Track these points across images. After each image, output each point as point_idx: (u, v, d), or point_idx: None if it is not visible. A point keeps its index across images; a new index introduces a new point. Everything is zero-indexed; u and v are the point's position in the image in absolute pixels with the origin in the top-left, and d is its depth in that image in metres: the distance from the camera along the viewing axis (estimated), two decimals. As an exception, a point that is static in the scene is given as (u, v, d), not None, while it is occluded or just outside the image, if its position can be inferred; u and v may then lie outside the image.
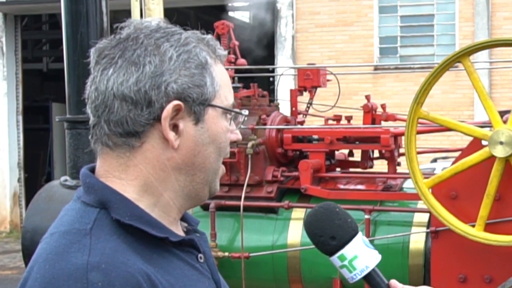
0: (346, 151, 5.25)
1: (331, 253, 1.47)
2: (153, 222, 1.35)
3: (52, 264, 1.26)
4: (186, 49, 1.38)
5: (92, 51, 1.40)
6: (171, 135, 1.36)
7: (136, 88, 1.34)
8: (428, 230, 4.46)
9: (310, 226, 1.49)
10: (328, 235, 1.46)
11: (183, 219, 1.50)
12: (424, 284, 4.40)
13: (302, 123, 5.31)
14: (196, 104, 1.38)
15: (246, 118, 1.51)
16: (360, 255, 1.45)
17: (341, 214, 1.48)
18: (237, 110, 1.46)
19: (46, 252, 1.29)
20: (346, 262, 1.45)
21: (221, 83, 1.43)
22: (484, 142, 4.02)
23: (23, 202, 15.72)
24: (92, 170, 1.42)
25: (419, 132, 4.25)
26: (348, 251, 1.45)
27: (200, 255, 1.44)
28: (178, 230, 1.44)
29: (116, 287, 1.24)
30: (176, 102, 1.35)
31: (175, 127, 1.37)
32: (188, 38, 1.40)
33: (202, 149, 1.40)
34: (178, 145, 1.37)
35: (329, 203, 1.51)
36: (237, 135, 1.48)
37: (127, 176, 1.37)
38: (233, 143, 1.49)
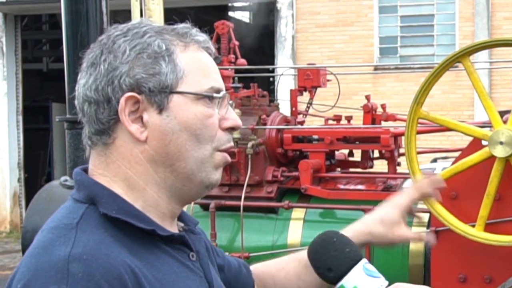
0: (346, 151, 5.25)
1: (334, 284, 1.45)
2: (140, 216, 1.36)
3: (38, 258, 1.28)
4: (140, 41, 1.38)
5: None
6: (133, 128, 1.37)
7: (94, 87, 1.37)
8: (428, 230, 4.46)
9: (309, 258, 1.49)
10: (325, 267, 1.45)
11: (181, 219, 1.50)
12: (424, 284, 4.40)
13: (302, 123, 5.31)
14: (155, 93, 1.37)
15: (232, 102, 1.48)
16: (360, 285, 1.42)
17: (338, 244, 1.46)
18: (208, 93, 1.41)
19: (34, 247, 1.32)
20: None
21: (190, 68, 1.40)
22: (484, 142, 4.02)
23: (23, 202, 15.73)
24: (86, 170, 1.45)
25: (419, 132, 4.25)
26: (347, 282, 1.43)
27: (192, 253, 1.43)
28: (172, 228, 1.44)
29: (97, 278, 1.24)
30: (128, 94, 1.36)
31: (141, 120, 1.37)
32: (147, 30, 1.40)
33: (173, 137, 1.38)
34: (147, 137, 1.37)
35: (328, 233, 1.49)
36: (234, 121, 1.45)
37: (109, 173, 1.40)
38: (234, 137, 1.47)
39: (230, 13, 18.69)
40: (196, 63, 1.41)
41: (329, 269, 1.44)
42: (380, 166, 5.39)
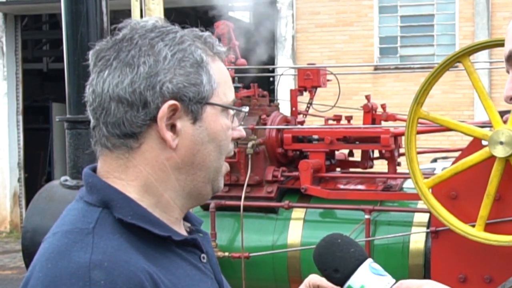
0: (346, 151, 5.25)
1: (341, 285, 1.45)
2: (155, 221, 1.35)
3: (55, 263, 1.26)
4: (181, 47, 1.37)
5: (90, 53, 1.40)
6: (169, 135, 1.35)
7: (131, 89, 1.34)
8: (428, 230, 4.46)
9: (315, 261, 1.49)
10: (331, 268, 1.46)
11: (187, 219, 1.50)
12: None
13: (302, 123, 5.31)
14: (193, 103, 1.37)
15: (246, 115, 1.50)
16: (367, 284, 1.43)
17: (343, 245, 1.46)
18: (237, 107, 1.44)
19: (48, 251, 1.29)
20: None
21: (220, 80, 1.41)
22: (484, 142, 4.02)
23: (23, 202, 15.72)
24: (94, 170, 1.42)
25: (419, 132, 4.25)
26: (354, 281, 1.43)
27: (203, 255, 1.43)
28: (181, 230, 1.44)
29: (119, 286, 1.23)
30: (171, 102, 1.34)
31: (173, 127, 1.36)
32: (184, 36, 1.39)
33: (201, 148, 1.38)
34: (177, 145, 1.37)
35: (332, 235, 1.50)
36: (240, 132, 1.47)
37: (127, 177, 1.37)
38: (235, 141, 1.48)
39: (230, 13, 18.69)
40: (223, 75, 1.43)
41: (336, 270, 1.45)
42: (380, 166, 5.39)
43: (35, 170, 17.38)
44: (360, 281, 1.43)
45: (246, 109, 1.47)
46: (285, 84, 10.24)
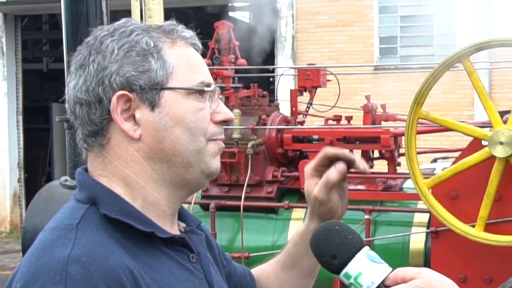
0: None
1: (338, 272, 1.44)
2: (140, 217, 1.36)
3: (38, 258, 1.29)
4: (128, 39, 1.39)
5: None
6: (127, 126, 1.37)
7: (85, 88, 1.38)
8: (428, 230, 4.46)
9: (312, 248, 1.48)
10: (329, 255, 1.44)
11: (183, 219, 1.50)
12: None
13: (302, 123, 5.31)
14: (146, 90, 1.37)
15: (222, 97, 1.49)
16: (365, 271, 1.42)
17: (341, 231, 1.46)
18: (198, 88, 1.41)
19: (34, 247, 1.33)
20: (352, 280, 1.42)
21: (178, 64, 1.40)
22: (484, 142, 4.02)
23: (23, 202, 15.71)
24: (87, 170, 1.45)
25: (419, 132, 4.25)
26: (351, 268, 1.42)
27: (192, 255, 1.43)
28: (173, 227, 1.44)
29: (95, 280, 1.25)
30: (119, 92, 1.36)
31: (134, 118, 1.38)
32: (134, 28, 1.40)
33: (166, 133, 1.38)
34: (141, 135, 1.38)
35: (330, 222, 1.50)
36: (225, 115, 1.45)
37: (108, 174, 1.40)
38: (230, 135, 1.48)
39: (230, 13, 18.69)
40: (185, 59, 1.42)
41: (333, 256, 1.44)
42: (380, 166, 5.39)
43: (35, 170, 17.37)
44: (357, 268, 1.42)
45: (211, 87, 1.44)
46: (285, 84, 10.23)
